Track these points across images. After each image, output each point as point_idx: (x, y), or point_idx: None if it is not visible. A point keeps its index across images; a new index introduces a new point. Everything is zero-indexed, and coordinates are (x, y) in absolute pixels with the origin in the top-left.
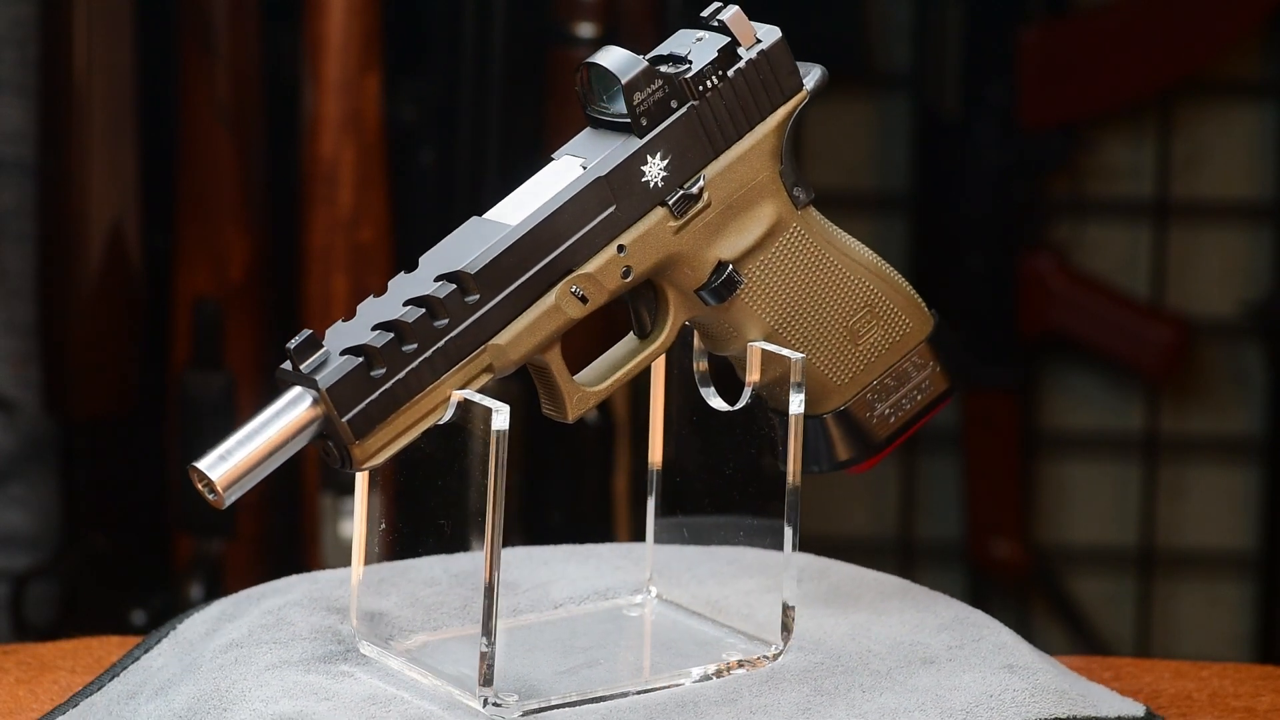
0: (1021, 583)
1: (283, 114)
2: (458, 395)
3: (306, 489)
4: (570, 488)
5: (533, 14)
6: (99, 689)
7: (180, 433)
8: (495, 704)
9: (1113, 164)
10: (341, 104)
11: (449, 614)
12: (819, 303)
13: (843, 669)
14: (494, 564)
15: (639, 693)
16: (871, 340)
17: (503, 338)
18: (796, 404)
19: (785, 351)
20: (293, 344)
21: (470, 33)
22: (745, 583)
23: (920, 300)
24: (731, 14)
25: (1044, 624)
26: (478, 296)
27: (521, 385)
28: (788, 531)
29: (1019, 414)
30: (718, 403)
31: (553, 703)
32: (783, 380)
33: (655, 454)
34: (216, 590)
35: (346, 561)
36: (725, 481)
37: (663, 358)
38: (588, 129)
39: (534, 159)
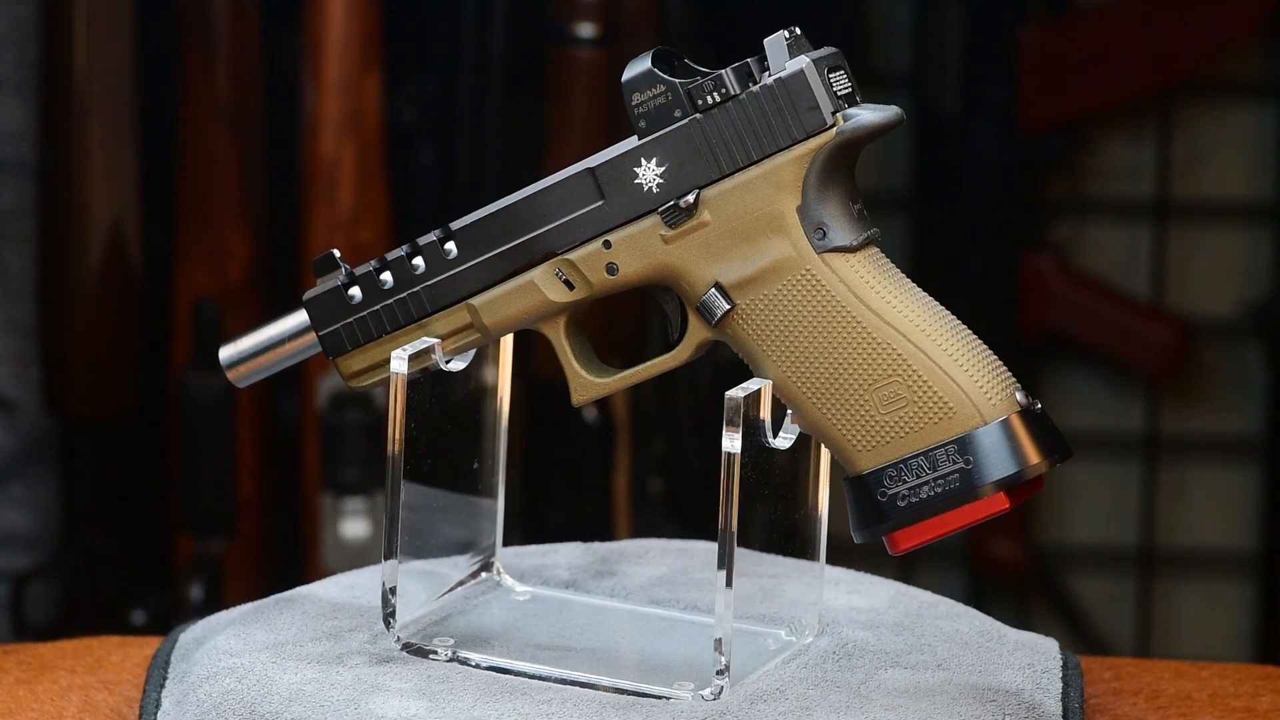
0: (1021, 583)
1: (283, 114)
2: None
3: (306, 489)
4: (570, 487)
5: (533, 14)
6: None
7: (180, 433)
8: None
9: (1113, 164)
10: (341, 104)
11: (641, 584)
12: (832, 357)
13: None
14: (394, 510)
15: (551, 680)
16: (903, 414)
17: (479, 299)
18: (729, 441)
19: (752, 387)
20: (315, 260)
21: (470, 33)
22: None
23: (989, 392)
24: (770, 37)
25: (1044, 624)
26: (457, 253)
27: (522, 385)
28: (720, 578)
29: None
30: (778, 442)
31: (468, 658)
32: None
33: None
34: (216, 590)
35: (347, 562)
36: (761, 519)
37: None
38: None
39: (534, 159)
